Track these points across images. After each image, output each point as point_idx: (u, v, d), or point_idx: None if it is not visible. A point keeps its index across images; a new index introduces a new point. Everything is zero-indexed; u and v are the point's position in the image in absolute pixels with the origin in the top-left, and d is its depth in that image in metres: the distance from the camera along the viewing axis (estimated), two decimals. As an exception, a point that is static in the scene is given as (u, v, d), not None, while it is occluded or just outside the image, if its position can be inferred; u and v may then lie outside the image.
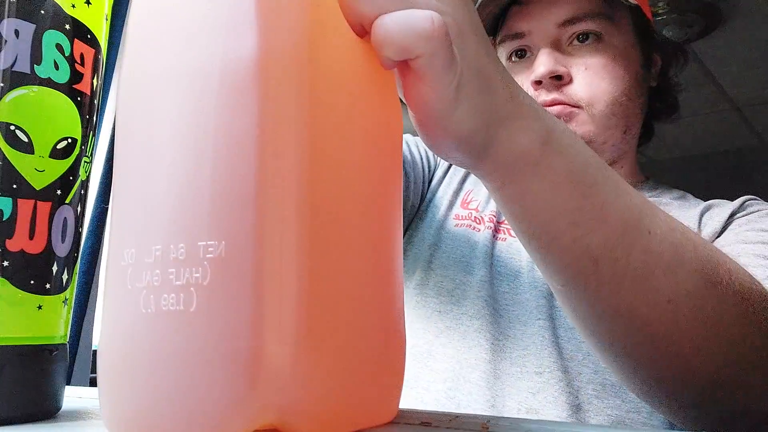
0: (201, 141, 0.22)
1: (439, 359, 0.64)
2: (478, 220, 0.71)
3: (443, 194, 0.76)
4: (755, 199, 0.65)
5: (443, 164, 0.79)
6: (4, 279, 0.30)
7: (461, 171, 0.78)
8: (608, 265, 0.36)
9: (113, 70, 1.21)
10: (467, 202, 0.74)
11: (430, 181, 0.77)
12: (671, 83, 0.76)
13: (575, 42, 0.65)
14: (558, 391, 0.58)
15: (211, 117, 0.22)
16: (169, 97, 0.23)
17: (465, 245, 0.69)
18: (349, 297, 0.25)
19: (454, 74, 0.29)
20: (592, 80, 0.64)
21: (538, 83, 0.65)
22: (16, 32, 0.31)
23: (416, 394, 0.62)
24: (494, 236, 0.69)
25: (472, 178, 0.77)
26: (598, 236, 0.36)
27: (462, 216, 0.72)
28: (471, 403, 0.59)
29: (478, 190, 0.75)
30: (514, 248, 0.69)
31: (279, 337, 0.21)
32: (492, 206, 0.72)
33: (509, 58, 0.69)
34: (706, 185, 0.73)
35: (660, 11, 1.84)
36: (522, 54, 0.69)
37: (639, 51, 0.69)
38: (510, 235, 0.70)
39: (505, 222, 0.72)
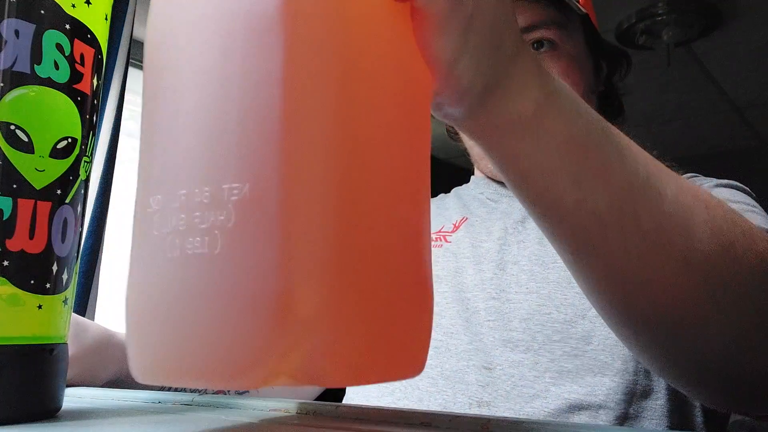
0: (226, 83, 0.22)
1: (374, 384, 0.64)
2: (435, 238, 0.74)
3: None
4: (696, 176, 0.65)
5: None
6: (4, 279, 0.30)
7: None
8: (617, 228, 0.35)
9: (113, 70, 1.21)
10: None
11: None
12: (616, 88, 0.78)
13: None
14: (510, 385, 0.59)
15: (236, 58, 0.22)
16: (195, 40, 0.23)
17: None
18: (378, 243, 0.24)
19: (460, 21, 0.29)
20: None
21: None
22: (16, 32, 0.31)
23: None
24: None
25: None
26: (602, 198, 0.35)
27: None
28: (421, 408, 0.59)
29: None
30: (450, 252, 0.71)
31: (304, 279, 0.21)
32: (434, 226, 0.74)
33: None
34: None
35: (660, 11, 1.85)
36: None
37: (590, 58, 0.71)
38: (446, 240, 0.71)
39: (443, 230, 0.74)
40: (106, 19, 0.36)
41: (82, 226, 0.35)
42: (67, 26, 0.33)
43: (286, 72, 0.21)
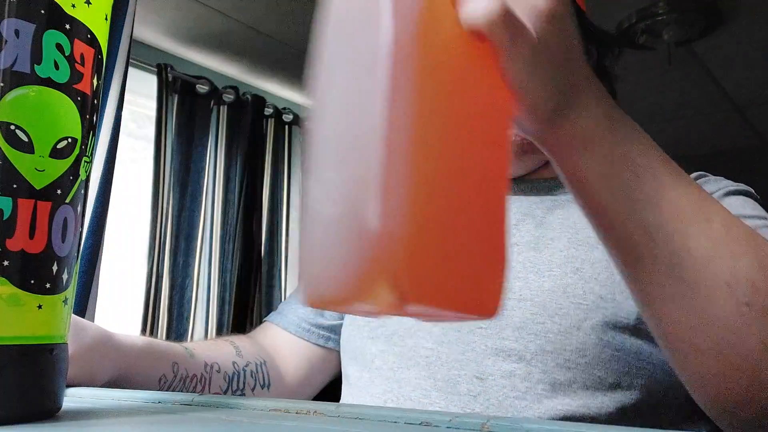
0: (354, 96, 0.31)
1: (377, 383, 0.63)
2: None
3: None
4: (706, 177, 0.64)
5: None
6: (4, 278, 0.30)
7: None
8: (665, 245, 0.38)
9: (113, 70, 1.21)
10: None
11: None
12: (607, 73, 0.74)
13: None
14: (502, 396, 0.58)
15: (363, 84, 0.31)
16: (341, 55, 0.34)
17: None
18: (459, 191, 0.31)
19: (524, 54, 0.35)
20: None
21: None
22: (16, 32, 0.31)
23: None
24: None
25: None
26: (651, 215, 0.38)
27: None
28: None
29: None
30: None
31: (397, 224, 0.28)
32: None
33: None
34: (707, 185, 0.73)
35: (660, 11, 1.84)
36: None
37: None
38: None
39: None
40: (106, 19, 0.36)
41: (82, 226, 0.35)
42: (67, 26, 0.33)
43: (390, 88, 0.30)
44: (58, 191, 0.32)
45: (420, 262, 0.29)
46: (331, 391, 0.80)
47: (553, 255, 0.62)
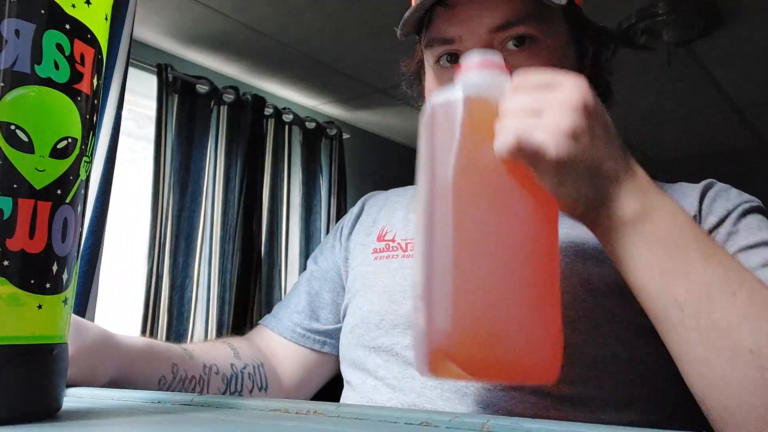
0: (430, 216, 0.44)
1: (382, 392, 0.63)
2: (394, 248, 0.72)
3: (356, 241, 0.77)
4: (742, 199, 0.64)
5: (349, 222, 0.81)
6: (4, 278, 0.30)
7: (373, 211, 0.80)
8: (693, 314, 0.43)
9: (113, 70, 1.21)
10: (383, 235, 0.74)
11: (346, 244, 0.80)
12: (602, 68, 0.72)
13: (509, 46, 0.61)
14: (510, 405, 0.57)
15: (435, 208, 0.44)
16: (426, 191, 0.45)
17: (385, 275, 0.69)
18: (514, 284, 0.41)
19: (545, 169, 0.42)
20: None
21: None
22: (17, 32, 0.31)
23: None
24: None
25: (384, 212, 0.78)
26: (683, 288, 0.44)
27: (379, 249, 0.73)
28: None
29: (392, 223, 0.75)
30: None
31: (461, 322, 0.40)
32: (407, 233, 0.72)
33: (437, 62, 0.65)
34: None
35: (660, 11, 1.84)
36: (452, 59, 0.64)
37: (573, 46, 0.66)
38: None
39: None
40: (106, 19, 0.36)
41: (82, 226, 0.35)
42: (67, 26, 0.33)
43: (455, 213, 0.42)
44: (58, 191, 0.32)
45: (482, 349, 0.39)
46: (330, 391, 0.80)
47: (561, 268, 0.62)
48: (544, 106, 0.44)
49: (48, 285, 0.32)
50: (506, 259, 0.41)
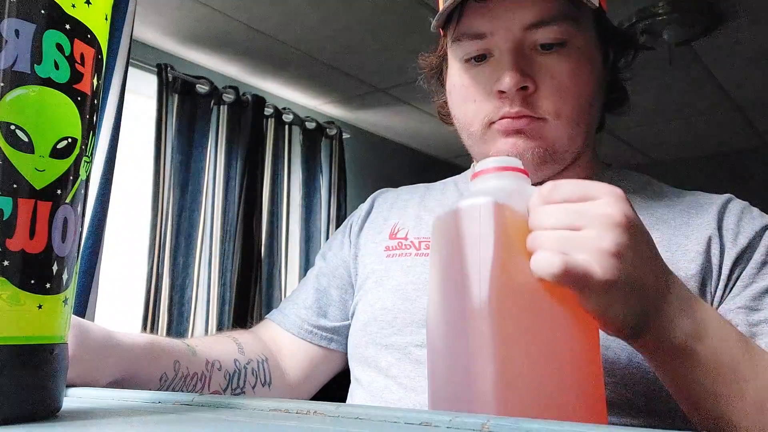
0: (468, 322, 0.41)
1: (393, 391, 0.63)
2: (407, 246, 0.71)
3: (367, 239, 0.77)
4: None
5: (358, 219, 0.81)
6: (4, 279, 0.30)
7: (383, 209, 0.79)
8: (745, 429, 0.44)
9: (113, 70, 1.21)
10: (395, 233, 0.74)
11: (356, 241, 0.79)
12: (620, 73, 0.73)
13: (539, 48, 0.62)
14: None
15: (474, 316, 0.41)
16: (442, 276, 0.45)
17: (398, 273, 0.69)
18: (557, 379, 0.40)
19: (591, 291, 0.40)
20: (559, 91, 0.61)
21: (502, 92, 0.62)
22: (17, 32, 0.31)
23: None
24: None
25: (395, 210, 0.78)
26: (736, 408, 0.45)
27: (392, 246, 0.73)
28: None
29: (404, 221, 0.75)
30: None
31: (502, 404, 0.38)
32: (420, 231, 0.72)
33: (466, 59, 0.65)
34: (708, 186, 0.72)
35: (661, 11, 1.84)
36: (480, 57, 0.64)
37: (599, 50, 0.67)
38: None
39: None
40: (106, 19, 0.36)
41: (82, 226, 0.35)
42: (67, 26, 0.33)
43: (494, 324, 0.40)
44: (58, 191, 0.32)
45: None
46: (330, 391, 0.80)
47: None
48: (581, 221, 0.41)
49: (48, 285, 0.32)
50: (553, 384, 0.39)
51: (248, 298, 2.12)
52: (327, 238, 2.44)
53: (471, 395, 0.39)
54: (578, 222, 0.41)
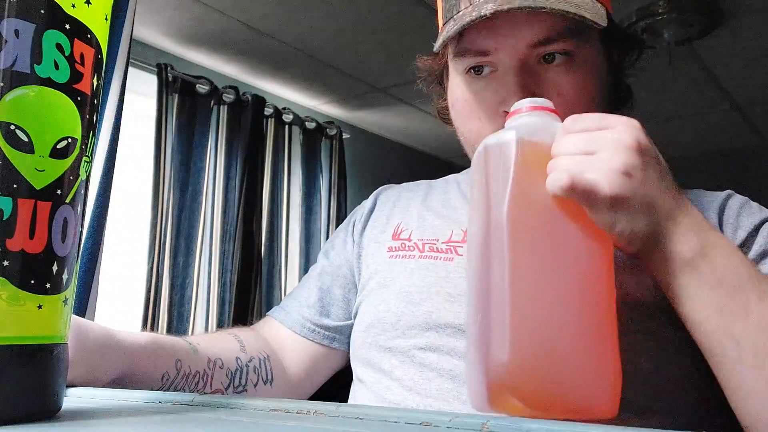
0: (487, 260, 0.45)
1: (396, 392, 0.63)
2: (410, 248, 0.71)
3: (370, 238, 0.76)
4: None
5: (361, 216, 0.80)
6: (4, 279, 0.30)
7: (386, 207, 0.79)
8: (750, 350, 0.45)
9: (113, 70, 1.21)
10: (398, 233, 0.73)
11: (360, 240, 0.79)
12: (624, 72, 0.72)
13: (543, 62, 0.61)
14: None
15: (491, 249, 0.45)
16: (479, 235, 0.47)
17: (402, 275, 0.68)
18: (570, 320, 0.42)
19: (598, 206, 0.43)
20: (565, 105, 0.60)
21: (507, 112, 0.59)
22: (16, 32, 0.31)
23: None
24: (437, 258, 0.68)
25: (398, 209, 0.77)
26: (741, 326, 0.45)
27: (395, 247, 0.72)
28: None
29: (407, 221, 0.74)
30: (463, 267, 0.66)
31: (515, 355, 0.41)
32: (423, 233, 0.71)
33: (467, 71, 0.63)
34: (708, 185, 0.72)
35: (660, 11, 1.84)
36: (480, 69, 0.63)
37: (605, 57, 0.66)
38: (457, 253, 0.67)
39: (452, 239, 0.69)
40: (106, 19, 0.36)
41: (82, 226, 0.35)
42: (67, 26, 0.33)
43: (510, 257, 0.43)
44: (58, 191, 0.32)
45: (543, 383, 0.40)
46: (331, 391, 0.80)
47: None
48: (596, 146, 0.44)
49: (48, 285, 0.32)
50: (564, 292, 0.42)
51: (248, 298, 2.12)
52: (327, 237, 2.44)
53: (490, 301, 0.43)
54: (593, 147, 0.44)
